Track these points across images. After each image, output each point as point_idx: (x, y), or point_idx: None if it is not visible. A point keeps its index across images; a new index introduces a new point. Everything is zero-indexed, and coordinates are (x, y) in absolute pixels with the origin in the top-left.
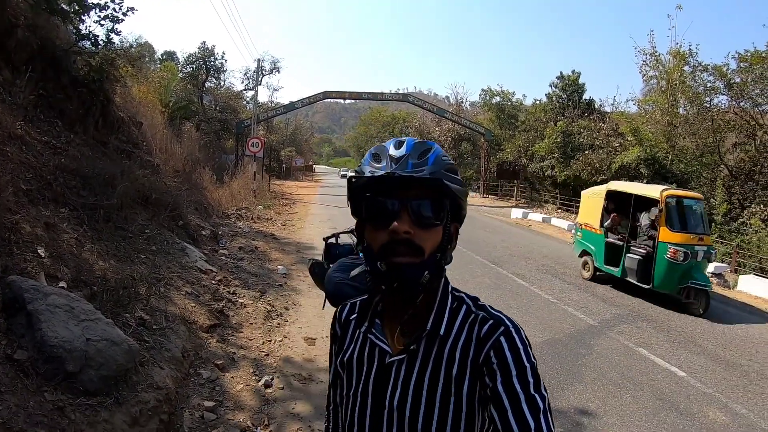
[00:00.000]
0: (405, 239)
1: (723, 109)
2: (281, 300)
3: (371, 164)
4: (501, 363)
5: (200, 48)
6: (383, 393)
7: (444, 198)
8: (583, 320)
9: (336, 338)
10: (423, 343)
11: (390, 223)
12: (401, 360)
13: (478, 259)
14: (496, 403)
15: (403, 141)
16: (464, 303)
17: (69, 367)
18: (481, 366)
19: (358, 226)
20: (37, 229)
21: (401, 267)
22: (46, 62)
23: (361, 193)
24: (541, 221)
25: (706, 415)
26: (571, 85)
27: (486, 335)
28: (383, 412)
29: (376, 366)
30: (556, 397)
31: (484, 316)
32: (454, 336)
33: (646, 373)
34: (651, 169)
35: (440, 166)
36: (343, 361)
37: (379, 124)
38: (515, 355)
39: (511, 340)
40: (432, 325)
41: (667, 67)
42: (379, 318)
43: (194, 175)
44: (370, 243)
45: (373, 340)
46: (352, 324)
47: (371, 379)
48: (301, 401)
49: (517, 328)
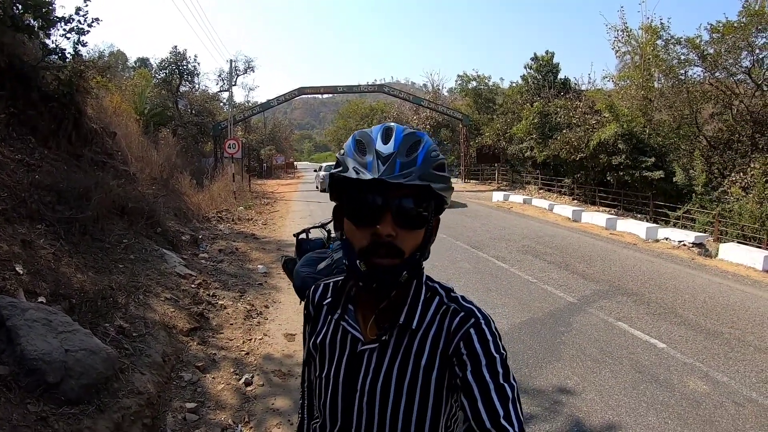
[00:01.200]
0: (387, 242)
1: (698, 80)
2: (261, 299)
3: (356, 156)
4: (471, 354)
5: (172, 53)
6: (355, 378)
7: (430, 198)
8: (562, 298)
9: (309, 318)
10: (395, 333)
11: (372, 223)
12: (373, 349)
13: (459, 245)
14: (467, 391)
15: (391, 131)
16: (437, 294)
17: (50, 379)
18: (451, 357)
19: (336, 213)
20: (14, 247)
21: (381, 269)
22: (15, 79)
23: (343, 185)
24: (522, 202)
25: (686, 385)
26: (546, 66)
27: (456, 327)
28: (354, 396)
29: (348, 352)
30: (534, 376)
31: (455, 308)
32: (425, 328)
33: (625, 347)
34: (629, 144)
35: (429, 165)
36: (316, 344)
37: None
38: (484, 346)
39: (480, 332)
40: (405, 318)
41: (639, 42)
42: (352, 303)
43: (172, 181)
44: (349, 238)
45: (346, 327)
46: (324, 308)
47: (343, 365)
48: (281, 396)
49: (487, 320)
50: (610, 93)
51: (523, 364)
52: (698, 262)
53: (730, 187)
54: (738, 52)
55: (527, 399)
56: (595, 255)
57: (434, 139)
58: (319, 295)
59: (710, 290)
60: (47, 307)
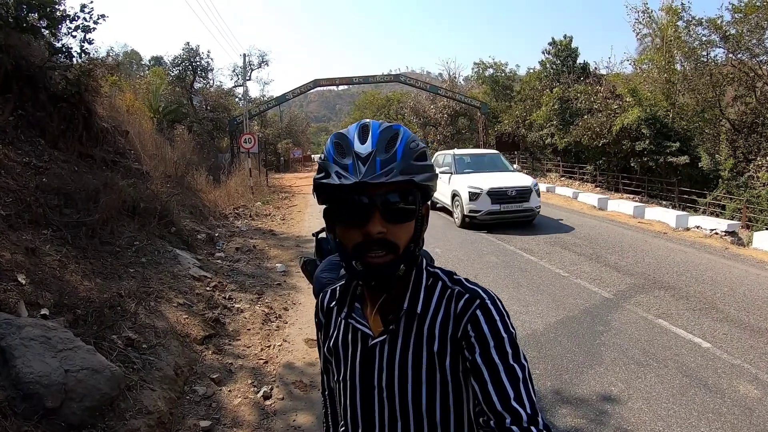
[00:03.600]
0: (379, 238)
1: (720, 62)
2: (280, 300)
3: (336, 159)
4: (478, 336)
5: (184, 49)
6: (371, 375)
7: (415, 189)
8: (597, 293)
9: (321, 326)
10: (402, 322)
11: (362, 223)
12: (383, 341)
13: (483, 236)
14: (476, 374)
15: (367, 129)
16: (440, 279)
17: (48, 403)
18: (460, 340)
19: (327, 216)
20: (17, 255)
21: (377, 266)
22: (23, 81)
23: (327, 190)
24: (546, 191)
25: (736, 390)
26: (564, 50)
27: (462, 309)
28: (373, 393)
29: (360, 349)
30: (575, 383)
31: (459, 290)
32: (432, 313)
33: (669, 347)
34: (652, 128)
35: (410, 158)
36: (330, 348)
37: (374, 107)
38: (492, 327)
39: (487, 313)
40: (408, 305)
41: (660, 23)
42: (359, 301)
43: (187, 179)
44: (342, 240)
45: (355, 324)
46: (334, 311)
47: (357, 363)
48: (303, 412)
49: (494, 300)
50: (631, 77)
51: (563, 370)
52: (732, 252)
53: (756, 172)
54: (761, 31)
55: (570, 409)
56: (626, 245)
57: (452, 128)
58: (327, 301)
59: (748, 282)
60: (46, 322)
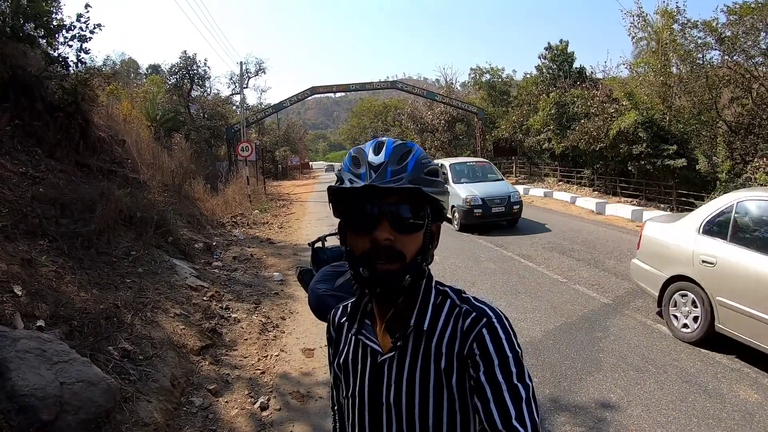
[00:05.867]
0: (386, 246)
1: (716, 64)
2: (277, 310)
3: (351, 170)
4: (483, 354)
5: (182, 57)
6: (379, 391)
7: (424, 202)
8: (595, 299)
9: (332, 342)
10: (411, 339)
11: (371, 229)
12: (392, 357)
13: (482, 243)
14: (480, 392)
15: (382, 144)
16: (448, 297)
17: (43, 416)
18: (465, 358)
19: (341, 227)
20: (13, 266)
21: (383, 273)
22: (19, 91)
23: (342, 198)
24: (543, 196)
25: (737, 395)
26: (560, 55)
27: (469, 328)
28: (381, 410)
29: (369, 366)
30: (574, 390)
31: (467, 309)
32: (440, 330)
33: (668, 353)
34: (649, 132)
35: (420, 171)
36: (340, 364)
37: (371, 114)
38: (497, 346)
39: (493, 331)
40: (415, 321)
41: (655, 27)
42: (369, 318)
43: (185, 187)
44: (351, 247)
45: (364, 341)
46: (344, 327)
47: (366, 379)
48: (299, 422)
49: (500, 318)
50: (627, 80)
51: (562, 377)
52: None
53: (754, 173)
54: (756, 33)
55: (568, 416)
56: (624, 250)
57: (449, 134)
58: (338, 317)
59: None
60: (41, 334)
